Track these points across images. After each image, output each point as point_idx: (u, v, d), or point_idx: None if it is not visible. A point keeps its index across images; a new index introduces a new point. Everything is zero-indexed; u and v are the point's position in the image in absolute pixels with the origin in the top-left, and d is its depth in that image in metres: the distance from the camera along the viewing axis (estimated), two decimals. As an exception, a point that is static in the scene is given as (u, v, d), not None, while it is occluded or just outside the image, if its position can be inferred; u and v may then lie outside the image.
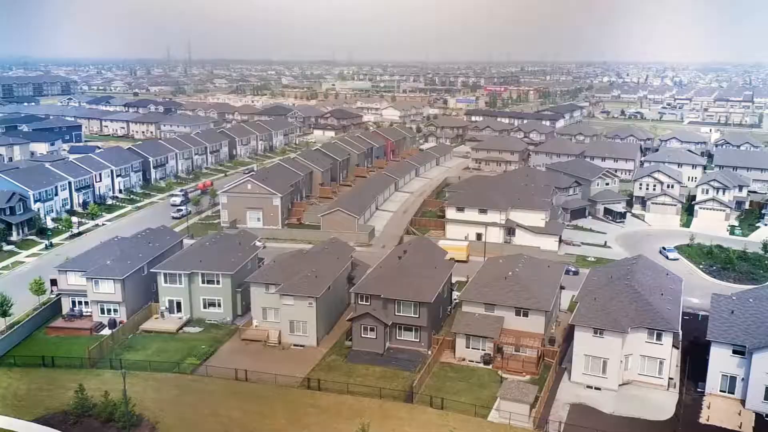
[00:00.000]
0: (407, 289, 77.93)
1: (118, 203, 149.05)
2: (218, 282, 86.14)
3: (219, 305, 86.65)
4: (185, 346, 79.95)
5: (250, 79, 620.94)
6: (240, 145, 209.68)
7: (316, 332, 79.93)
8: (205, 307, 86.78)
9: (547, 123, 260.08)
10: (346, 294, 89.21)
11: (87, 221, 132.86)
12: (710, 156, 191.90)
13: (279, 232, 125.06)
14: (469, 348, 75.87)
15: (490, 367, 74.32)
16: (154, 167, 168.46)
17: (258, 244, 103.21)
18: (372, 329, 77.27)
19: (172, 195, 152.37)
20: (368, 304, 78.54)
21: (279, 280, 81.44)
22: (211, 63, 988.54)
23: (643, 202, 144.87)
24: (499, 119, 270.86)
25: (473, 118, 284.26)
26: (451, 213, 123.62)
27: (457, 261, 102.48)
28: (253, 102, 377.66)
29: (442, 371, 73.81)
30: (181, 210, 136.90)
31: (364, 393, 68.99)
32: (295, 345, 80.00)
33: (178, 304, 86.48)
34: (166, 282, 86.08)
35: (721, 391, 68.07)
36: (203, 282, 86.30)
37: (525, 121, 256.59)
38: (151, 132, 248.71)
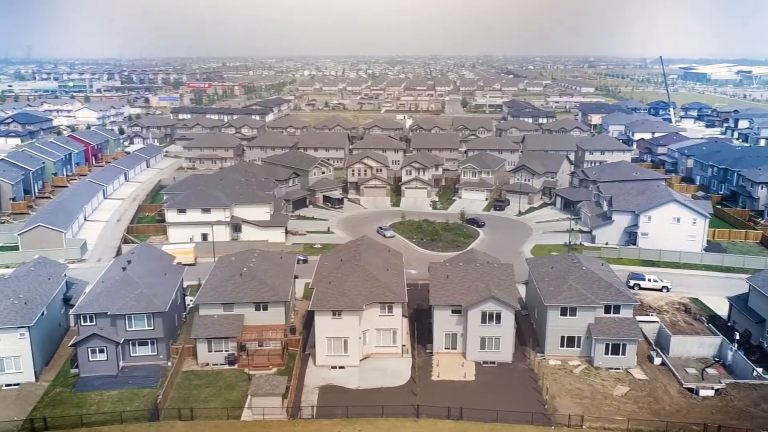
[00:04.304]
0: (137, 301, 72.47)
1: None
2: None
3: None
4: None
5: None
6: None
7: (33, 366, 70.16)
8: None
9: (257, 117, 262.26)
10: (64, 317, 79.94)
11: None
12: (408, 140, 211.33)
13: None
14: (211, 351, 73.41)
15: (235, 366, 72.88)
16: None
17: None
18: (101, 350, 70.38)
19: None
20: (94, 323, 71.30)
21: (-23, 313, 69.58)
22: None
23: (356, 186, 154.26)
24: (208, 116, 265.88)
25: (180, 116, 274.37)
26: (171, 216, 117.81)
27: (185, 264, 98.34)
28: None
29: (187, 380, 70.29)
30: None
31: (102, 421, 62.64)
32: (7, 385, 69.23)
33: None
34: None
35: (446, 348, 75.90)
36: None
37: (235, 117, 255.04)
38: None
